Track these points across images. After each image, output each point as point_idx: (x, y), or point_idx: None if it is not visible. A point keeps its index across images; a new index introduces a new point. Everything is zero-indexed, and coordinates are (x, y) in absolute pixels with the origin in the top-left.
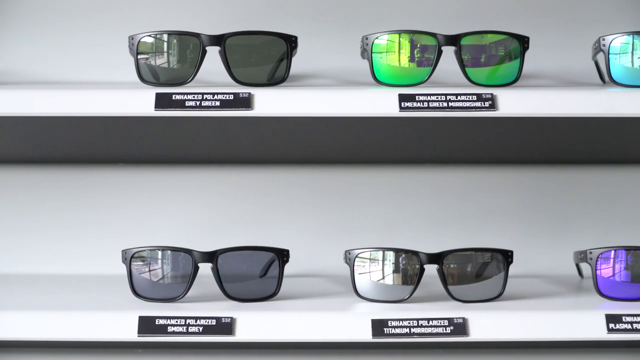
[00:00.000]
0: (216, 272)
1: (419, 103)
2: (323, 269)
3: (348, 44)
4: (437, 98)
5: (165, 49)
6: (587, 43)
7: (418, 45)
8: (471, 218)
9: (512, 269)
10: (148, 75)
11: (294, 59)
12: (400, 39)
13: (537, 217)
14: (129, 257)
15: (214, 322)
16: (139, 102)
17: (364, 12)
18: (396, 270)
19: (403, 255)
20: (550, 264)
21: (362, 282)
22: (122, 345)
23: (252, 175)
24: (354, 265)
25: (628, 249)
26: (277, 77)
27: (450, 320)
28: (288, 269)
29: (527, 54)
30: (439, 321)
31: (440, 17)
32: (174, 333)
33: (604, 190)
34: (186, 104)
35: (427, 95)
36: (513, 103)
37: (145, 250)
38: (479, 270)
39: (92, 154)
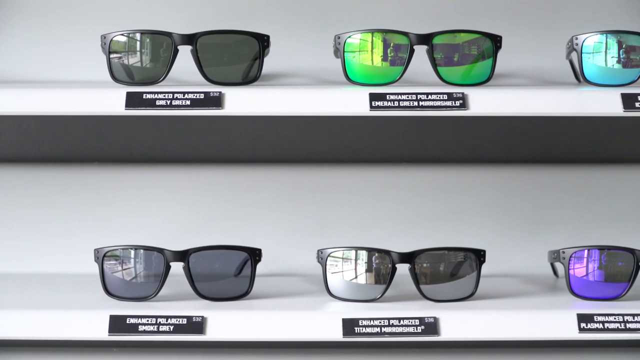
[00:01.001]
0: (188, 271)
1: (389, 102)
2: (297, 268)
3: (324, 43)
4: (408, 97)
5: (137, 48)
6: (563, 42)
7: (390, 45)
8: (446, 217)
9: (487, 269)
10: (120, 75)
11: (271, 58)
12: (373, 38)
13: (513, 216)
14: (101, 256)
15: (184, 321)
16: (110, 101)
17: (340, 11)
18: (368, 269)
19: (375, 255)
20: (526, 264)
21: (334, 282)
22: (94, 344)
23: (226, 174)
24: (326, 264)
25: (601, 248)
26: (250, 77)
27: (421, 319)
28: (262, 268)
29: (503, 53)
30: (410, 320)
31: (416, 16)
32: (144, 332)
33: (581, 189)
34: (157, 103)
35: (397, 94)
36: (484, 102)
37: (117, 249)
38: (451, 269)
39: (65, 153)
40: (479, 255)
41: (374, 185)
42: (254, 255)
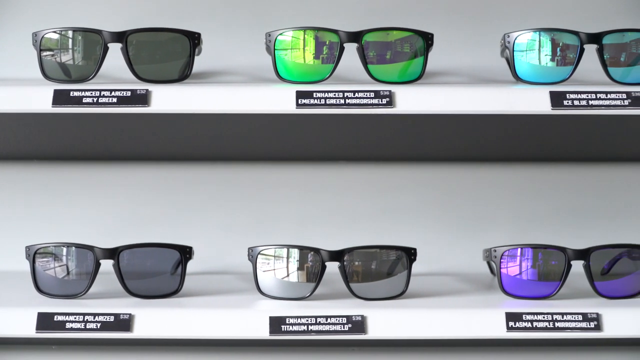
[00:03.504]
0: (117, 268)
1: (316, 100)
2: (231, 266)
3: (261, 41)
4: (335, 95)
5: (68, 46)
6: None
7: (321, 42)
8: (384, 216)
9: (425, 267)
10: (51, 72)
11: (207, 56)
12: (305, 35)
13: (452, 214)
14: (32, 253)
15: (112, 318)
16: (37, 98)
17: (279, 9)
18: (298, 267)
19: (304, 253)
20: (465, 262)
21: (264, 280)
22: (22, 341)
23: (159, 172)
24: (256, 262)
25: (532, 246)
26: (180, 74)
27: (348, 317)
28: (196, 266)
29: (443, 51)
30: (338, 319)
31: (355, 14)
32: (72, 329)
33: (519, 188)
34: (83, 101)
35: (324, 92)
36: (411, 100)
37: (48, 247)
38: (381, 267)
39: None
40: (410, 254)
41: (309, 183)
42: (185, 253)
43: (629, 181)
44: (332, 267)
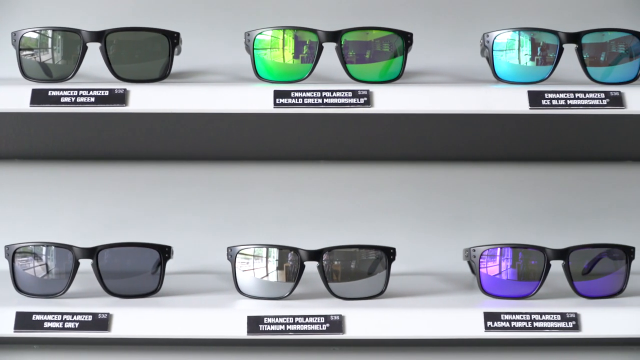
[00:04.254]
0: (96, 268)
1: (293, 99)
2: (212, 266)
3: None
4: (313, 95)
5: (47, 45)
6: None
7: (300, 42)
8: (365, 215)
9: (406, 266)
10: (30, 71)
11: (190, 55)
12: (284, 35)
13: (435, 213)
14: (11, 253)
15: (90, 318)
16: (15, 98)
17: (262, 7)
18: (277, 267)
19: (283, 252)
20: (446, 262)
21: (243, 279)
22: (0, 341)
23: (139, 172)
24: (235, 261)
25: (511, 246)
26: (159, 74)
27: (326, 317)
28: (177, 266)
29: (425, 50)
30: (315, 318)
31: (337, 14)
32: (50, 329)
33: (502, 187)
34: (61, 100)
35: (302, 91)
36: (389, 100)
37: (28, 246)
38: (360, 267)
39: None
40: (389, 253)
41: (290, 183)
42: (164, 252)
43: (610, 181)
44: (312, 266)
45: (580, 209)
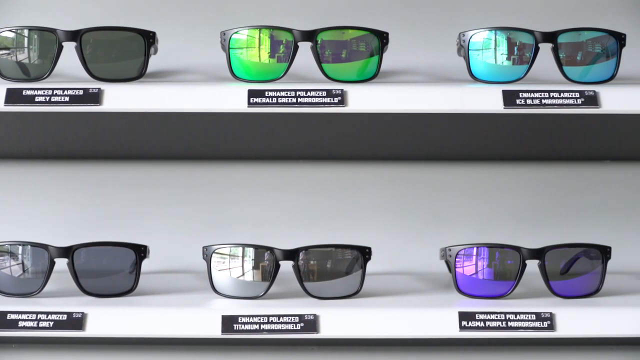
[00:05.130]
0: (72, 267)
1: (268, 99)
2: (190, 265)
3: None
4: (287, 94)
5: (23, 45)
6: None
7: (275, 41)
8: (344, 215)
9: (384, 266)
10: (6, 71)
11: (166, 54)
12: (260, 34)
13: (413, 213)
14: None
15: (64, 317)
16: None
17: (239, 6)
18: (252, 266)
19: (258, 252)
20: (425, 261)
21: (218, 278)
22: None
23: (116, 171)
24: (210, 261)
25: (486, 246)
26: (134, 73)
27: (301, 317)
28: (155, 265)
29: (403, 49)
30: (290, 318)
31: (314, 13)
32: (24, 328)
33: (480, 187)
34: (36, 100)
35: (276, 91)
36: (363, 99)
37: (3, 245)
38: (336, 266)
39: None
40: (365, 253)
41: (268, 182)
42: (139, 252)
43: (589, 180)
44: (289, 266)
45: (558, 209)
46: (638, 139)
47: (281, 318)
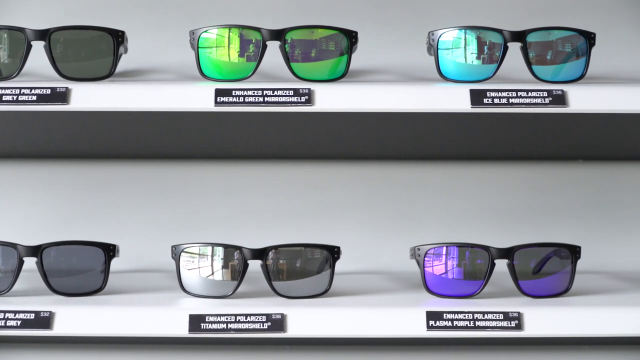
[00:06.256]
0: (41, 266)
1: (235, 98)
2: (162, 264)
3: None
4: (254, 93)
5: None
6: None
7: (244, 40)
8: (313, 214)
9: (356, 265)
10: None
11: (140, 53)
12: (229, 33)
13: (385, 212)
14: None
15: (32, 316)
16: None
17: (206, 5)
18: (221, 265)
19: (227, 251)
20: (396, 261)
21: (187, 277)
22: None
23: (85, 170)
24: (179, 260)
25: (456, 245)
26: (104, 72)
27: (268, 316)
28: (126, 264)
29: (373, 48)
30: (257, 317)
31: (284, 13)
32: None
33: (451, 186)
34: (3, 99)
35: (244, 90)
36: (330, 98)
37: None
38: (304, 266)
39: None
40: (333, 252)
41: (239, 182)
42: (108, 251)
43: (561, 179)
44: (259, 265)
45: (531, 208)
46: (610, 138)
47: (248, 317)
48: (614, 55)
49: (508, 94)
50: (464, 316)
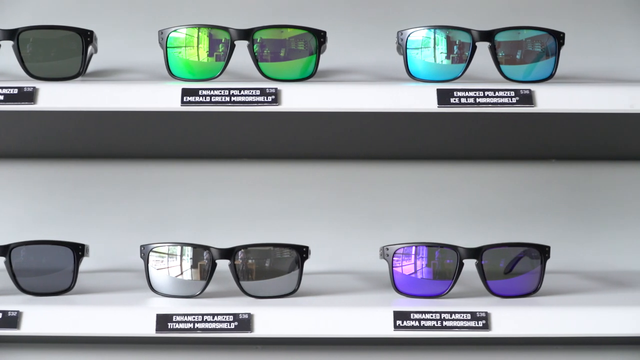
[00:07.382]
0: (9, 265)
1: (201, 97)
2: (132, 264)
3: None
4: (220, 92)
5: None
6: None
7: (213, 40)
8: (284, 213)
9: (326, 265)
10: None
11: (111, 53)
12: (198, 33)
13: (356, 212)
14: None
15: (0, 315)
16: None
17: (178, 5)
18: (189, 265)
19: (195, 250)
20: (368, 260)
21: (156, 277)
22: None
23: (55, 170)
24: (148, 259)
25: (424, 245)
26: (73, 72)
27: (235, 315)
28: (96, 263)
29: (345, 48)
30: (224, 317)
31: (258, 13)
32: None
33: (422, 185)
34: None
35: (210, 89)
36: (297, 98)
37: None
38: (272, 265)
39: None
40: (302, 252)
41: (209, 181)
42: (77, 250)
43: (534, 179)
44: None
45: (503, 208)
46: (581, 138)
47: (216, 317)
48: (588, 55)
49: (475, 94)
50: (431, 316)
